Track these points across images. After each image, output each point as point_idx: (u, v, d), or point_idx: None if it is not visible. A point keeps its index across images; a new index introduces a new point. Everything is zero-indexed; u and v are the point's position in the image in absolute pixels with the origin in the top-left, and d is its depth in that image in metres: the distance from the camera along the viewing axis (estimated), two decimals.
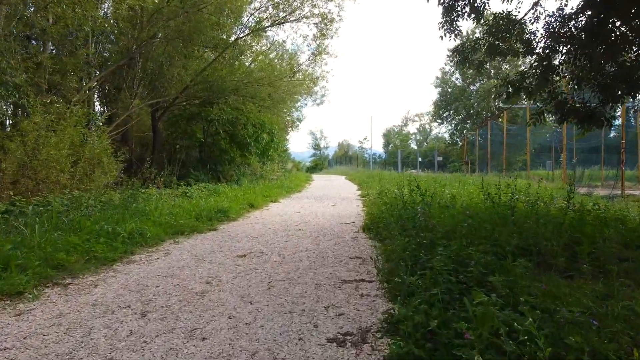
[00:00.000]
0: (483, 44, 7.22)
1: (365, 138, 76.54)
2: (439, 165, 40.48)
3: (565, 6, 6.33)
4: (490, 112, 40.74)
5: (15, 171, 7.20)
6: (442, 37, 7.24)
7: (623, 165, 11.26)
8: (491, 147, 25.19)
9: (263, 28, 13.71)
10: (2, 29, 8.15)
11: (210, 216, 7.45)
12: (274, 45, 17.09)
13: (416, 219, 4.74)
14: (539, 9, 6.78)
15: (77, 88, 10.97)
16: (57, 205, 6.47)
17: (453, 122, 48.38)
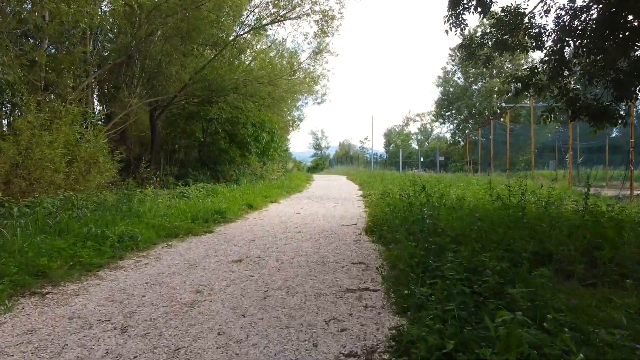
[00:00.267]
0: (490, 39, 6.96)
1: (366, 138, 76.27)
2: (441, 165, 40.16)
3: None
4: (492, 112, 40.43)
5: (7, 171, 6.94)
6: (447, 31, 6.97)
7: (632, 165, 10.94)
8: (494, 146, 24.87)
9: (263, 25, 13.43)
10: None
11: (207, 218, 7.17)
12: (274, 43, 16.82)
13: (423, 221, 4.46)
14: (549, 2, 6.49)
15: (74, 86, 10.72)
16: (49, 206, 6.23)
17: (455, 121, 48.08)
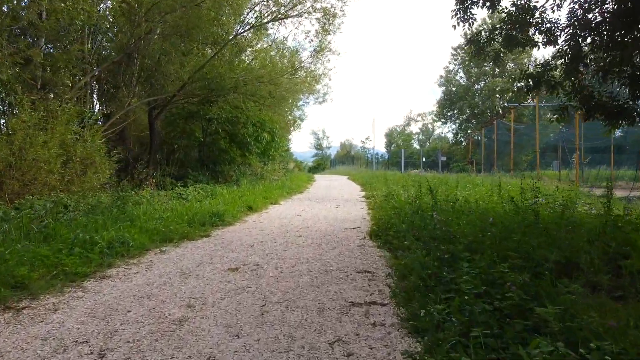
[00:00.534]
0: (500, 34, 6.66)
1: (367, 138, 75.83)
2: (443, 166, 39.81)
3: None
4: (495, 112, 40.08)
5: (0, 172, 6.68)
6: (454, 26, 6.70)
7: None
8: (497, 146, 24.55)
9: (264, 23, 13.15)
10: None
11: (204, 221, 6.88)
12: (275, 42, 16.54)
13: (434, 227, 4.17)
14: None
15: (71, 85, 10.45)
16: (40, 209, 5.95)
17: (457, 121, 47.72)
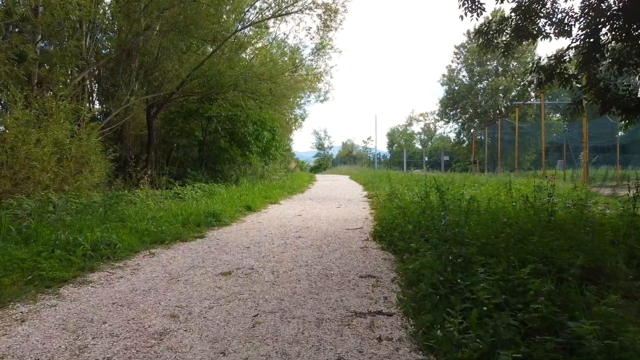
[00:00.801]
0: (509, 24, 6.35)
1: (369, 138, 75.58)
2: (445, 165, 39.47)
3: None
4: (498, 111, 39.70)
5: None
6: (462, 16, 6.38)
7: None
8: (500, 146, 24.20)
9: (264, 19, 12.85)
10: None
11: (199, 221, 6.57)
12: (275, 40, 16.24)
13: (441, 227, 3.84)
14: None
15: (66, 82, 10.18)
16: (28, 207, 5.67)
17: (460, 120, 47.36)
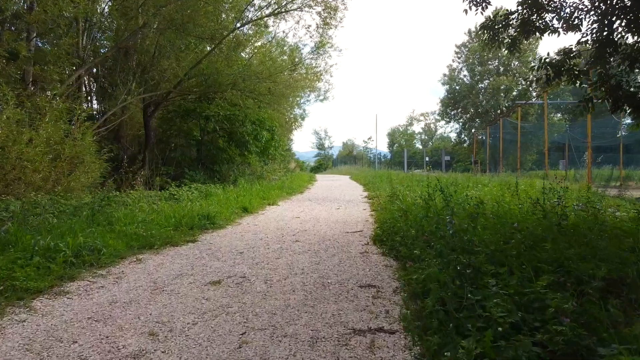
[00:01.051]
0: (516, 18, 6.09)
1: (369, 138, 75.30)
2: (446, 165, 39.21)
3: None
4: (500, 110, 39.42)
5: None
6: (466, 10, 6.13)
7: None
8: (502, 145, 23.93)
9: (263, 17, 12.59)
10: None
11: (193, 224, 6.30)
12: (275, 38, 15.99)
13: (447, 234, 3.58)
14: None
15: (61, 80, 9.93)
16: (16, 210, 5.43)
17: (461, 120, 47.07)
